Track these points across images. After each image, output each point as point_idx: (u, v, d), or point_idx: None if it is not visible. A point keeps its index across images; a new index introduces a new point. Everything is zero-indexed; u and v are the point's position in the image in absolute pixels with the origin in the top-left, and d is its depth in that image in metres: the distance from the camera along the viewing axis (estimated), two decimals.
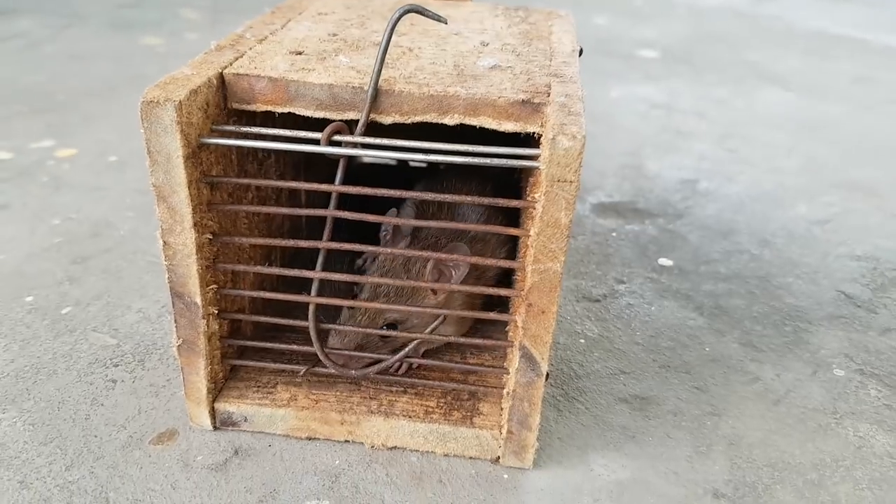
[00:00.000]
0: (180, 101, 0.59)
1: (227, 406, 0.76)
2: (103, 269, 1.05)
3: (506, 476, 0.74)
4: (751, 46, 2.57)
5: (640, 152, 1.60)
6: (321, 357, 0.73)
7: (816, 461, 0.79)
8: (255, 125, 0.67)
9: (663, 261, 1.16)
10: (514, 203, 0.63)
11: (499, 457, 0.75)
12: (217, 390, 0.77)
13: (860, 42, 2.71)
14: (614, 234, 1.24)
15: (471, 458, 0.76)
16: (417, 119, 0.65)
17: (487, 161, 0.61)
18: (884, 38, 2.75)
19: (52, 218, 1.18)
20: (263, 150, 0.80)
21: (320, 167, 1.00)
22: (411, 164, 1.28)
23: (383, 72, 0.66)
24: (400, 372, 0.79)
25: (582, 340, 0.96)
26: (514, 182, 0.98)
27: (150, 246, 1.11)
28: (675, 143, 1.67)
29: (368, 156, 0.63)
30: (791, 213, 1.35)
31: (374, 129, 0.65)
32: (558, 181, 0.57)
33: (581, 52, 0.79)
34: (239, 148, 0.72)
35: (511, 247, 0.87)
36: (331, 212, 0.66)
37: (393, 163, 1.31)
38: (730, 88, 2.09)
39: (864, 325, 1.03)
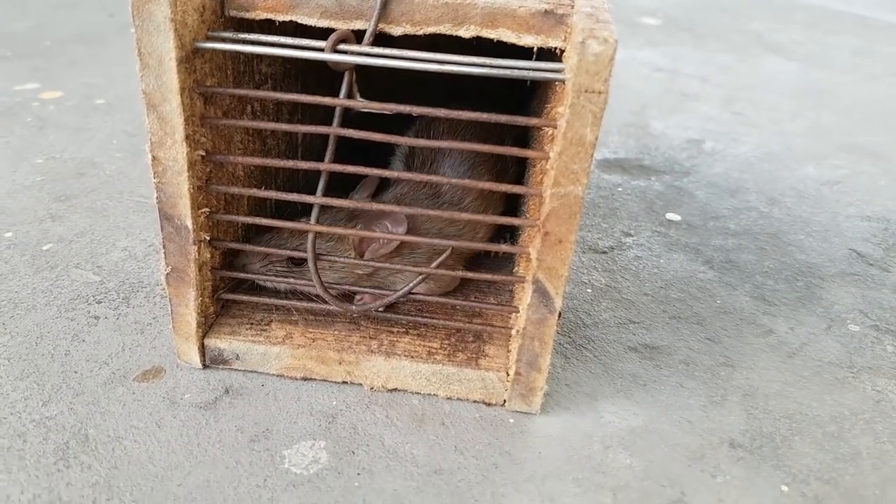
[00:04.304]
0: None
1: (217, 342, 0.72)
2: (88, 207, 1.00)
3: (512, 420, 0.70)
4: (753, 17, 2.53)
5: (645, 112, 1.56)
6: (320, 291, 0.69)
7: (835, 414, 0.75)
8: None
9: (671, 216, 1.12)
10: (533, 122, 0.59)
11: (505, 401, 0.71)
12: (207, 326, 0.72)
13: (860, 18, 2.68)
14: (620, 188, 1.20)
15: (475, 401, 0.72)
16: (430, 30, 0.60)
17: (506, 73, 0.56)
18: (884, 16, 2.72)
19: (35, 157, 1.13)
20: (260, 70, 0.75)
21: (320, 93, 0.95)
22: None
23: None
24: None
25: (589, 290, 0.92)
26: (512, 140, 0.94)
27: (137, 186, 1.06)
28: (679, 104, 1.62)
29: (376, 65, 0.58)
30: (799, 174, 1.32)
31: (382, 43, 0.60)
32: (586, 91, 0.53)
33: None
34: (235, 61, 0.67)
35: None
36: (334, 129, 0.61)
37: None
38: (733, 56, 2.04)
39: (878, 283, 1.00)
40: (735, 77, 1.86)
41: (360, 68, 0.60)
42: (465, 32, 0.60)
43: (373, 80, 0.63)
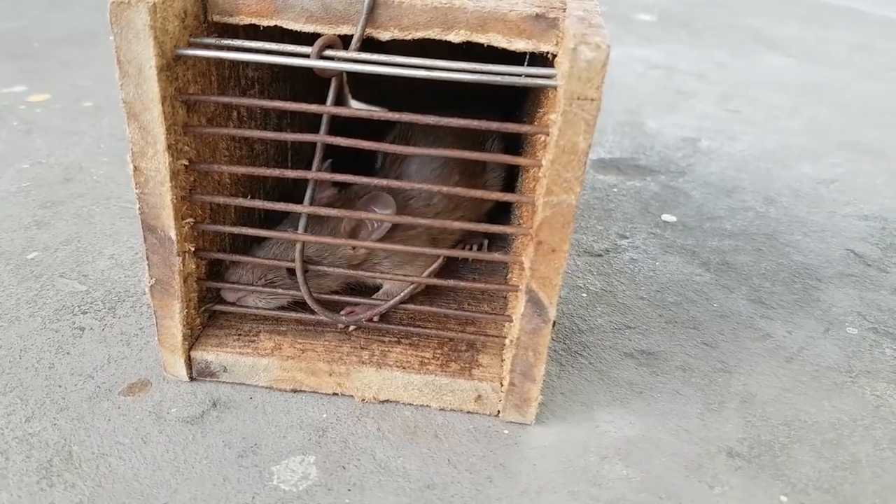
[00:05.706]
0: (154, 4, 0.53)
1: (204, 355, 0.70)
2: (74, 213, 0.98)
3: (506, 431, 0.69)
4: (750, 13, 2.52)
5: (640, 110, 1.54)
6: (309, 302, 0.67)
7: (834, 420, 0.74)
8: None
9: (666, 217, 1.11)
10: (524, 129, 0.57)
11: (499, 411, 0.69)
12: (194, 337, 0.71)
13: (858, 13, 2.67)
14: (615, 189, 1.19)
15: (468, 412, 0.70)
16: (419, 35, 0.59)
17: (496, 79, 0.55)
18: (882, 11, 2.70)
19: (21, 162, 1.11)
20: (246, 75, 0.73)
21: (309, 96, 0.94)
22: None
23: None
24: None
25: (584, 294, 0.91)
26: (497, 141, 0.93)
27: (125, 191, 1.04)
28: (675, 102, 1.61)
29: (362, 71, 0.56)
30: (796, 173, 1.30)
31: (369, 48, 0.59)
32: (578, 99, 0.51)
33: None
34: (219, 67, 0.66)
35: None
36: (321, 137, 0.60)
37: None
38: (730, 52, 2.03)
39: (876, 284, 0.99)
40: (731, 74, 1.85)
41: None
42: (455, 37, 0.58)
43: (363, 81, 0.62)
